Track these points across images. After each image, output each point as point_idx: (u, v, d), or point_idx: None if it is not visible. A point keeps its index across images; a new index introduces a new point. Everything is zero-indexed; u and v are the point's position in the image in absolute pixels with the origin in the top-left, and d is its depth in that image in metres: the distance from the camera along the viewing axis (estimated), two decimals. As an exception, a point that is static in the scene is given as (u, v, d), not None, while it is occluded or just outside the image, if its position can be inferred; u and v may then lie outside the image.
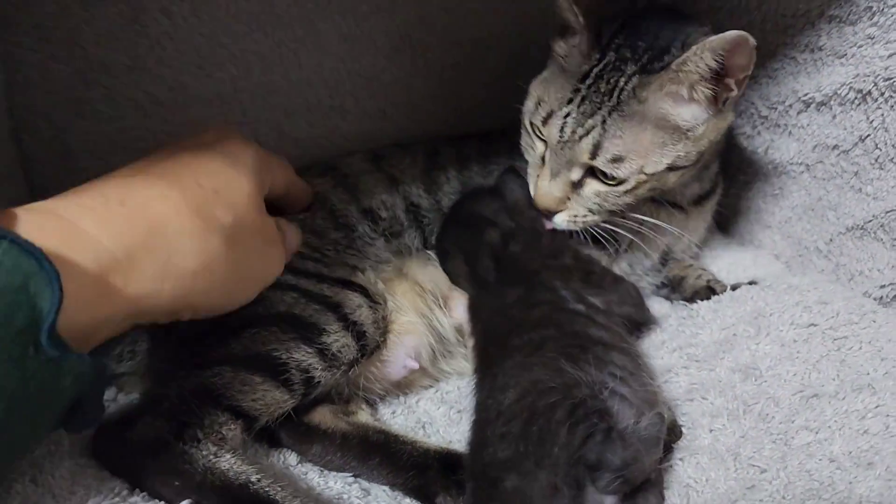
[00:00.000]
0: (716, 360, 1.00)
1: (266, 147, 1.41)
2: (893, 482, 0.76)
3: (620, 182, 1.02)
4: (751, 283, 1.17)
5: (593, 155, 1.00)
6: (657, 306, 1.25)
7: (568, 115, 1.01)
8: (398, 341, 1.08)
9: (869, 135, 1.05)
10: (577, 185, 1.05)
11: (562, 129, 1.01)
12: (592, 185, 1.04)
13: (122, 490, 0.77)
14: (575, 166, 1.03)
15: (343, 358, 0.98)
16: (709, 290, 1.22)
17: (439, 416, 1.07)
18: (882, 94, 1.01)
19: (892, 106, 1.01)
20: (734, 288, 1.15)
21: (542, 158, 1.07)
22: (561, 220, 1.07)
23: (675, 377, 1.02)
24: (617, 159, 0.99)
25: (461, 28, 1.42)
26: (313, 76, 1.40)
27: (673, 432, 0.93)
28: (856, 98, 1.06)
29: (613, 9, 1.13)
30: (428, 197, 1.26)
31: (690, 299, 1.21)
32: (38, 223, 0.64)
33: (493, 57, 1.47)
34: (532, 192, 1.10)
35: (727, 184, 1.31)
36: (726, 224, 1.41)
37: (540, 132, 1.07)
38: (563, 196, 1.05)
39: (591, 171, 1.03)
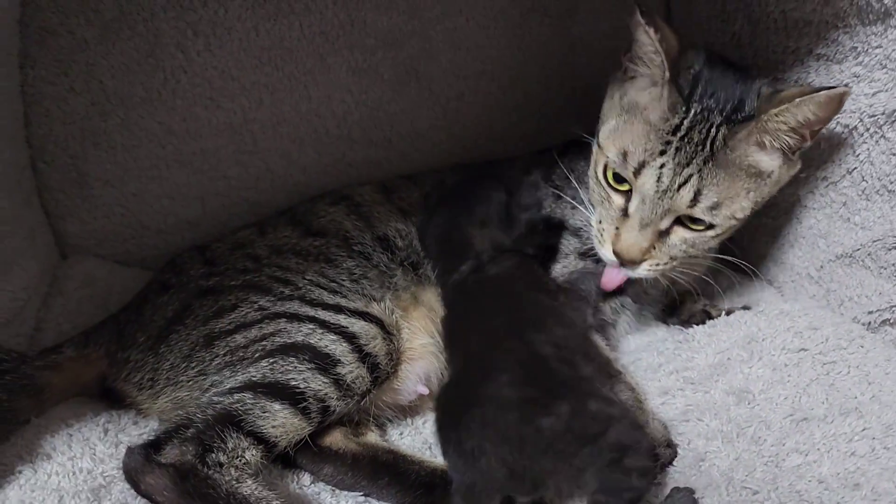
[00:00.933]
0: (710, 382, 1.04)
1: (276, 174, 1.48)
2: (878, 502, 0.80)
3: (709, 227, 1.05)
4: (744, 307, 1.21)
5: (693, 203, 1.02)
6: (654, 330, 1.29)
7: (663, 165, 1.02)
8: (410, 368, 1.12)
9: (856, 167, 1.10)
10: (662, 234, 1.07)
11: (659, 179, 1.02)
12: (680, 233, 1.07)
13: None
14: (668, 215, 1.05)
15: (357, 389, 1.02)
16: (704, 314, 1.26)
17: (445, 437, 1.11)
18: (867, 130, 1.06)
19: (877, 141, 1.05)
20: (728, 313, 1.20)
21: (623, 210, 1.09)
22: (641, 271, 1.09)
23: (671, 399, 1.06)
24: (715, 206, 1.02)
25: (464, 61, 1.48)
26: (322, 107, 1.45)
27: (669, 450, 0.98)
28: (843, 132, 1.10)
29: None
30: None
31: (686, 322, 1.26)
32: None
33: (496, 88, 1.53)
34: (610, 244, 1.10)
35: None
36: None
37: (615, 186, 1.09)
38: (649, 246, 1.06)
39: (678, 220, 1.06)
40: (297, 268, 1.17)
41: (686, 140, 1.01)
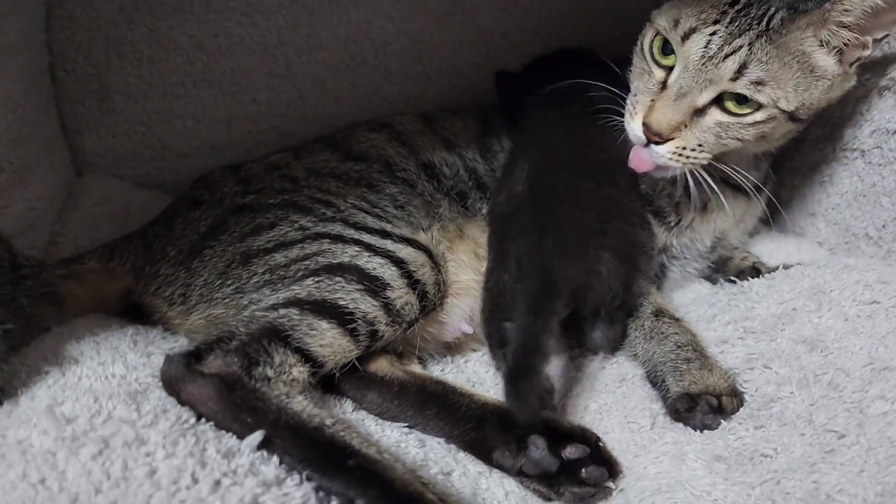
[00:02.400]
0: (776, 331, 1.00)
1: (307, 103, 1.40)
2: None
3: (749, 113, 1.00)
4: (799, 264, 1.16)
5: (737, 75, 0.98)
6: (700, 287, 1.24)
7: (714, 32, 0.98)
8: (456, 303, 1.07)
9: (934, 119, 1.05)
10: (697, 114, 1.02)
11: (707, 45, 0.99)
12: (715, 115, 1.01)
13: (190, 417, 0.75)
14: (709, 88, 1.00)
15: (406, 315, 0.97)
16: (754, 271, 1.22)
17: (488, 378, 1.06)
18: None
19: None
20: (786, 267, 1.15)
21: (662, 83, 1.04)
22: (664, 151, 1.03)
23: (731, 348, 1.02)
24: (759, 83, 0.97)
25: (514, -5, 1.41)
26: (361, 34, 1.39)
27: (735, 399, 0.93)
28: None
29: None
30: (483, 163, 1.24)
31: (736, 278, 1.20)
32: None
33: (542, 27, 1.46)
34: (641, 115, 1.04)
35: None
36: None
37: (658, 59, 1.05)
38: (681, 121, 1.01)
39: (718, 100, 1.01)
40: (337, 191, 1.10)
41: (743, 13, 0.99)
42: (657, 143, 1.02)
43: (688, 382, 0.97)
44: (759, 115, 0.99)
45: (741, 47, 0.97)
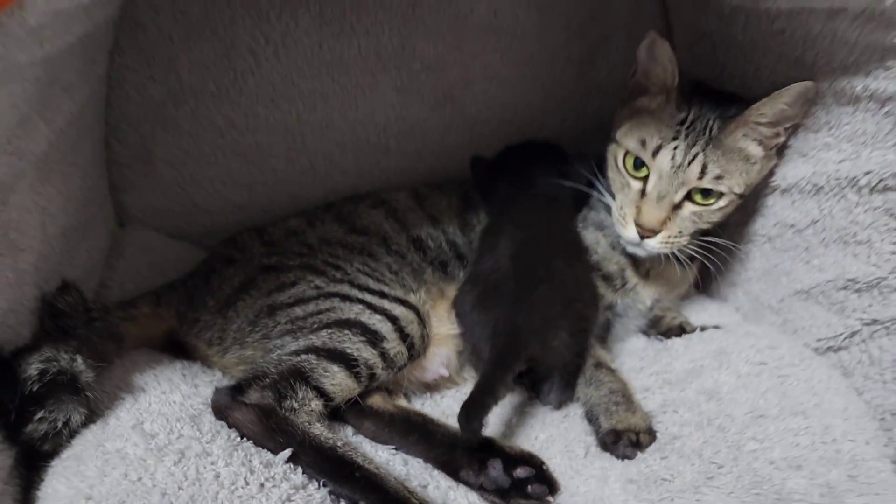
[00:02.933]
0: (685, 383, 1.26)
1: (318, 172, 1.66)
2: (814, 481, 1.03)
3: (716, 200, 1.32)
4: (715, 327, 1.44)
5: (701, 175, 1.29)
6: (636, 340, 1.51)
7: (676, 147, 1.30)
8: (436, 352, 1.33)
9: (819, 220, 1.33)
10: (675, 208, 1.33)
11: (673, 158, 1.30)
12: (689, 207, 1.33)
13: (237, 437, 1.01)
14: (681, 188, 1.31)
15: (397, 362, 1.22)
16: (680, 329, 1.48)
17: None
18: (832, 189, 1.30)
19: (839, 199, 1.29)
20: (703, 329, 1.42)
21: (641, 192, 1.35)
22: (655, 242, 1.33)
23: (651, 395, 1.28)
24: (719, 177, 1.29)
25: (496, 92, 1.69)
26: (366, 118, 1.65)
27: (649, 436, 1.19)
28: (811, 189, 1.34)
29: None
30: (462, 236, 1.51)
31: (665, 335, 1.48)
32: None
33: (519, 118, 1.74)
34: (632, 219, 1.34)
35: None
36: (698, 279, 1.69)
37: (632, 173, 1.36)
38: (665, 217, 1.32)
39: (688, 196, 1.32)
40: (345, 257, 1.36)
41: (691, 128, 1.31)
42: (649, 238, 1.33)
43: (615, 421, 1.22)
44: (722, 202, 1.33)
45: (698, 154, 1.29)
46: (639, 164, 1.35)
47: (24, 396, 0.95)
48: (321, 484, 0.98)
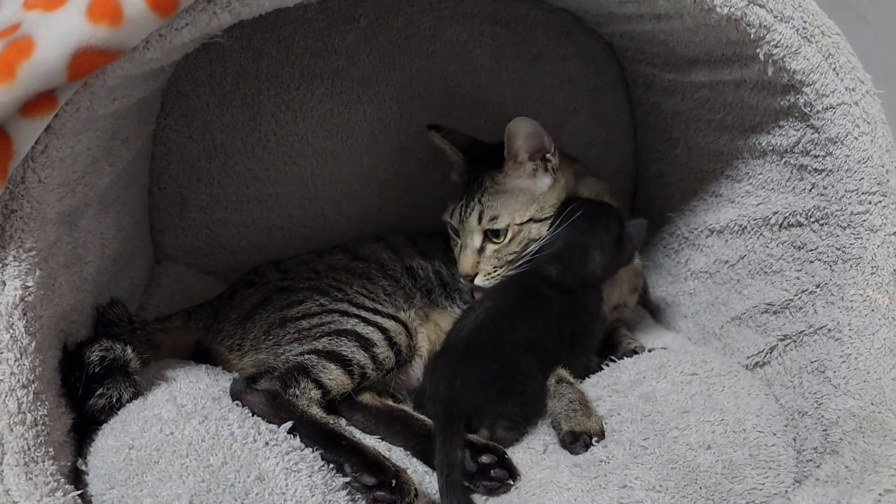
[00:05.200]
0: (629, 392, 1.47)
1: (328, 218, 1.94)
2: (720, 458, 1.24)
3: (504, 236, 1.58)
4: (663, 348, 1.67)
5: (480, 220, 1.58)
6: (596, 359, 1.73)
7: (461, 204, 1.62)
8: (419, 363, 1.56)
9: (745, 255, 1.58)
10: (480, 251, 1.60)
11: (461, 213, 1.61)
12: (490, 247, 1.60)
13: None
14: (473, 234, 1.59)
15: (385, 365, 1.46)
16: (634, 353, 1.70)
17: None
18: (753, 229, 1.55)
19: (758, 237, 1.54)
20: (651, 350, 1.65)
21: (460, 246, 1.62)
22: (480, 281, 1.60)
23: (602, 402, 1.49)
24: (494, 218, 1.57)
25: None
26: (370, 173, 1.93)
27: (602, 438, 1.41)
28: (738, 230, 1.59)
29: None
30: (446, 269, 1.77)
31: (620, 358, 1.70)
32: None
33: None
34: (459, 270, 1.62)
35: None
36: (658, 314, 1.93)
37: (454, 228, 1.65)
38: (475, 261, 1.59)
39: (486, 237, 1.59)
40: (346, 280, 1.61)
41: (472, 188, 1.62)
42: (474, 279, 1.60)
43: (574, 424, 1.40)
44: (510, 234, 1.59)
45: (475, 205, 1.60)
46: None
47: (88, 377, 1.20)
48: (314, 450, 1.20)
